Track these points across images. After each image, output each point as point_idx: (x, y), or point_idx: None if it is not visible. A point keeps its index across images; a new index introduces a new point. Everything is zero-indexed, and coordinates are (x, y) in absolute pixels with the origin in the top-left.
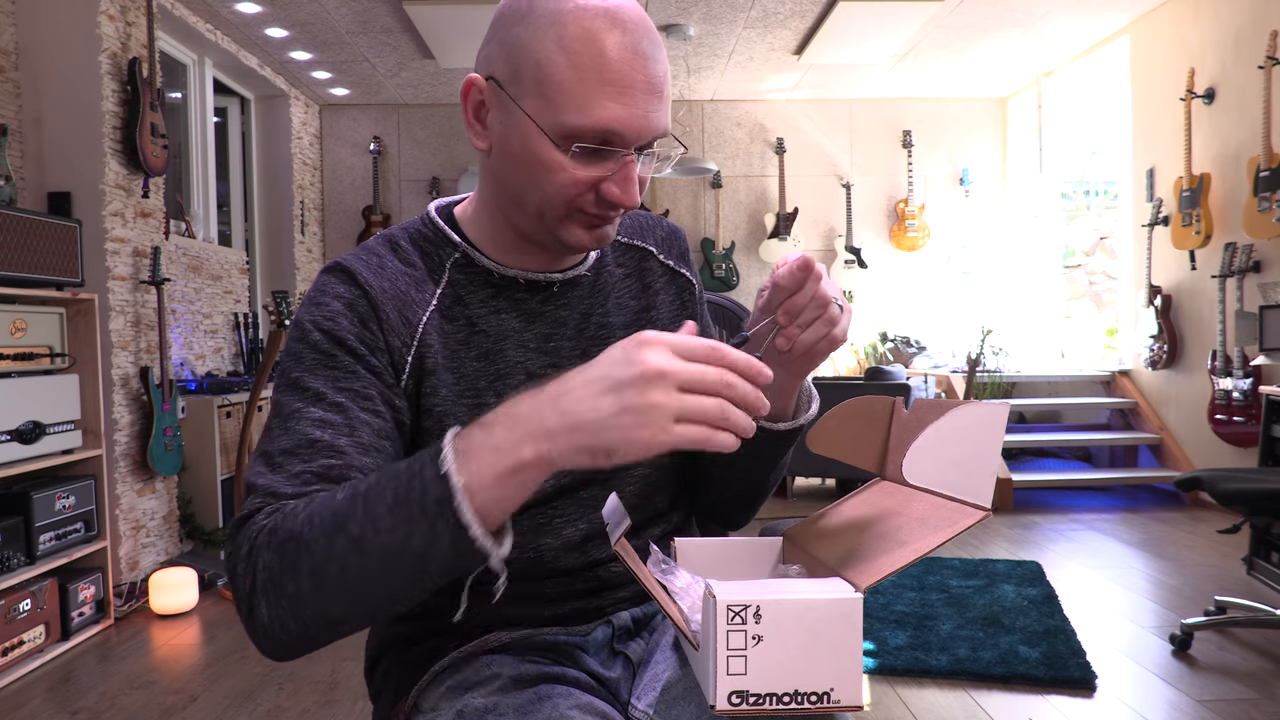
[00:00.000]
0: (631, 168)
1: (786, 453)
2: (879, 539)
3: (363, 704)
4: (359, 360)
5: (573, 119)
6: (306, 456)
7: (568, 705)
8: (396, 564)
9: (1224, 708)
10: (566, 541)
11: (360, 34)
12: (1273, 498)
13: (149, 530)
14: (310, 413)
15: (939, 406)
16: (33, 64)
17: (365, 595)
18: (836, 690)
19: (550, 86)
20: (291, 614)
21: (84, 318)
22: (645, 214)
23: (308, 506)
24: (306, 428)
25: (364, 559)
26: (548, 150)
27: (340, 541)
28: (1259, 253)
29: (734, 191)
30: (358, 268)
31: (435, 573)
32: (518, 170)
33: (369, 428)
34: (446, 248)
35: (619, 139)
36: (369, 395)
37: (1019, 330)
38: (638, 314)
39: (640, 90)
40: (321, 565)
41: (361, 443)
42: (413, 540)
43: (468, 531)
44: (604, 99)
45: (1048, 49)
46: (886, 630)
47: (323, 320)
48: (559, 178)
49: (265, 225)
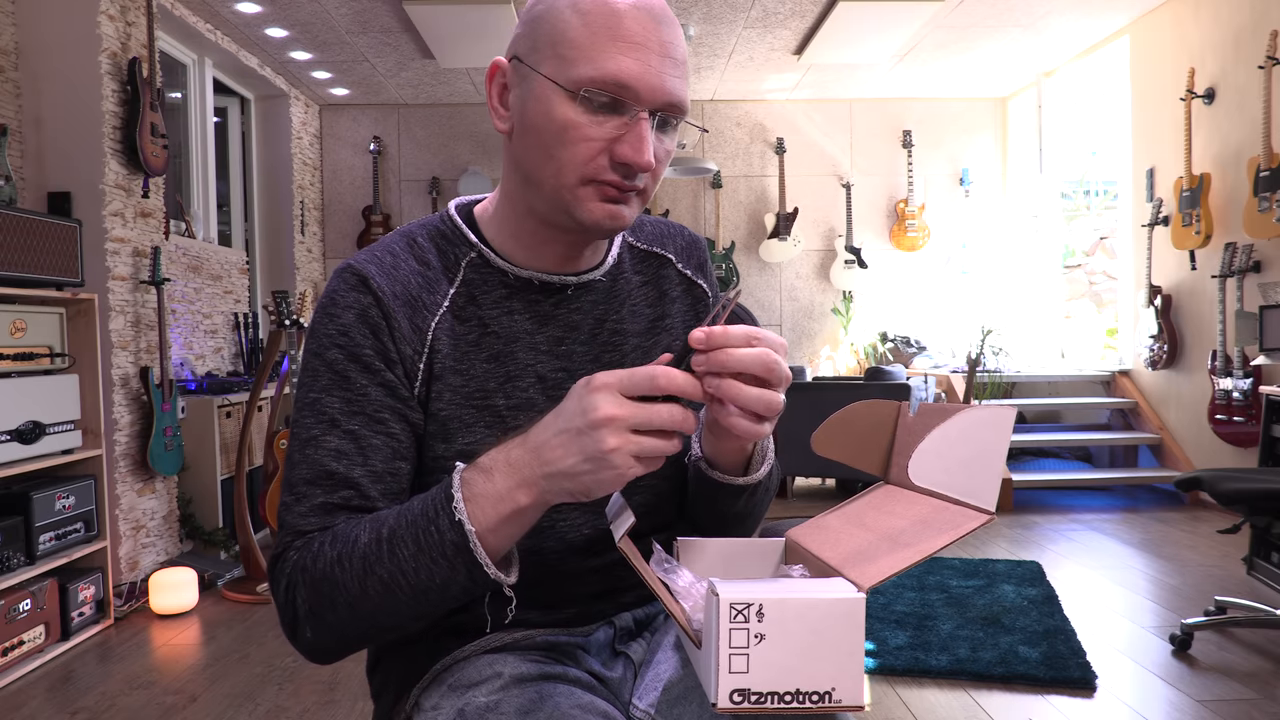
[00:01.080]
0: (644, 127)
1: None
2: (882, 540)
3: (363, 704)
4: (373, 377)
5: (584, 71)
6: (327, 488)
7: (569, 704)
8: (424, 597)
9: (1224, 708)
10: (571, 545)
11: (360, 34)
12: (1273, 498)
13: (149, 530)
14: (326, 442)
15: (945, 411)
16: (33, 64)
17: (397, 619)
18: (838, 690)
19: (565, 45)
20: (333, 637)
21: (84, 318)
22: (667, 221)
23: (334, 547)
24: (323, 458)
25: (394, 596)
26: (561, 107)
27: (372, 583)
28: (1259, 253)
29: (734, 191)
30: (370, 271)
31: (456, 599)
32: (534, 141)
33: (381, 454)
34: (463, 247)
35: (630, 92)
36: (381, 418)
37: (1019, 330)
38: (652, 322)
39: (654, 50)
40: (357, 600)
41: (375, 471)
42: (435, 579)
43: (484, 569)
44: (615, 52)
45: (1048, 49)
46: (887, 630)
47: (338, 335)
48: (571, 136)
49: (265, 225)
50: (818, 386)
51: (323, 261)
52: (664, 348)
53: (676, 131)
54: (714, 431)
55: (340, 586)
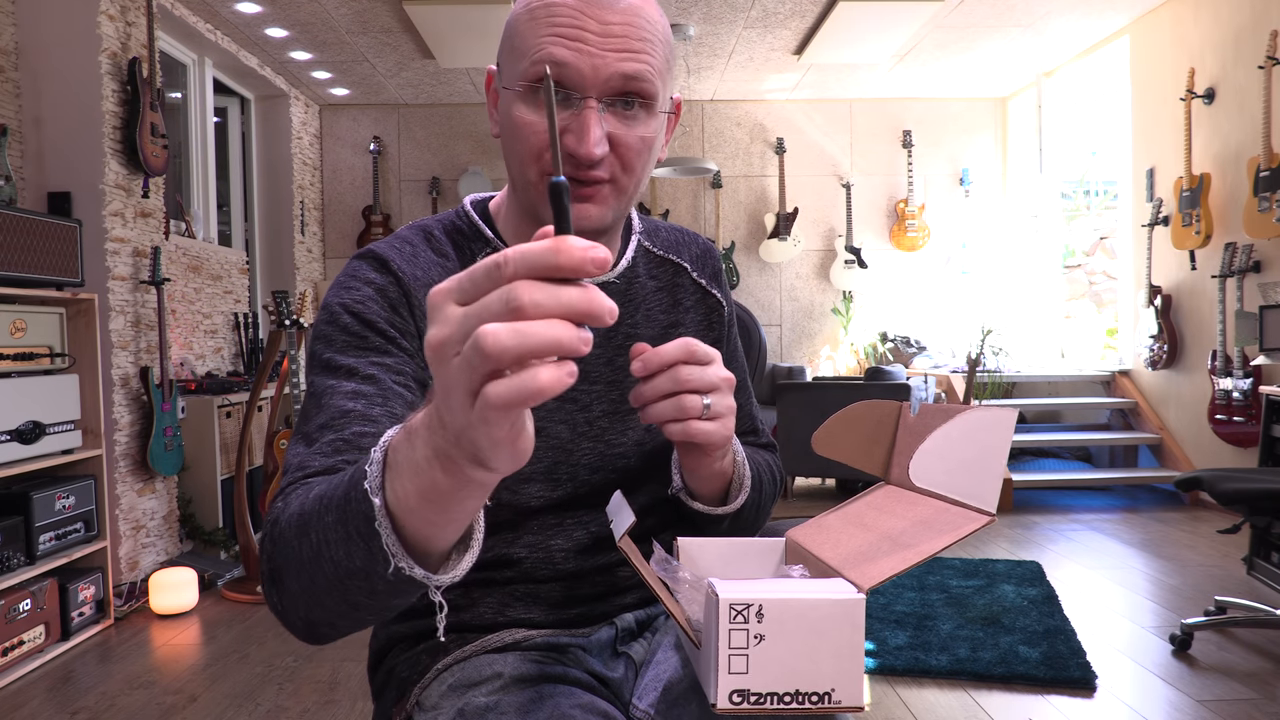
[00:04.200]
0: (587, 115)
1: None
2: (882, 541)
3: (363, 704)
4: (390, 342)
5: (524, 64)
6: (339, 426)
7: (569, 705)
8: (348, 580)
9: (1224, 708)
10: (576, 543)
11: (360, 34)
12: (1273, 498)
13: (149, 530)
14: (343, 387)
15: (946, 411)
16: (33, 64)
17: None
18: (837, 690)
19: (514, 44)
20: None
21: (84, 318)
22: (681, 229)
23: (301, 497)
24: (339, 400)
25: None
26: (516, 107)
27: (305, 548)
28: (1259, 253)
29: (734, 191)
30: (390, 255)
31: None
32: (506, 144)
33: (402, 400)
34: (478, 241)
35: (568, 79)
36: (402, 371)
37: (1019, 330)
38: (665, 328)
39: (591, 33)
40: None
41: (395, 413)
42: (354, 560)
43: (394, 560)
44: (549, 41)
45: (1048, 49)
46: (886, 630)
47: (352, 304)
48: (523, 133)
49: (265, 225)
50: (818, 386)
51: (323, 261)
52: None
53: (653, 115)
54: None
55: (287, 545)
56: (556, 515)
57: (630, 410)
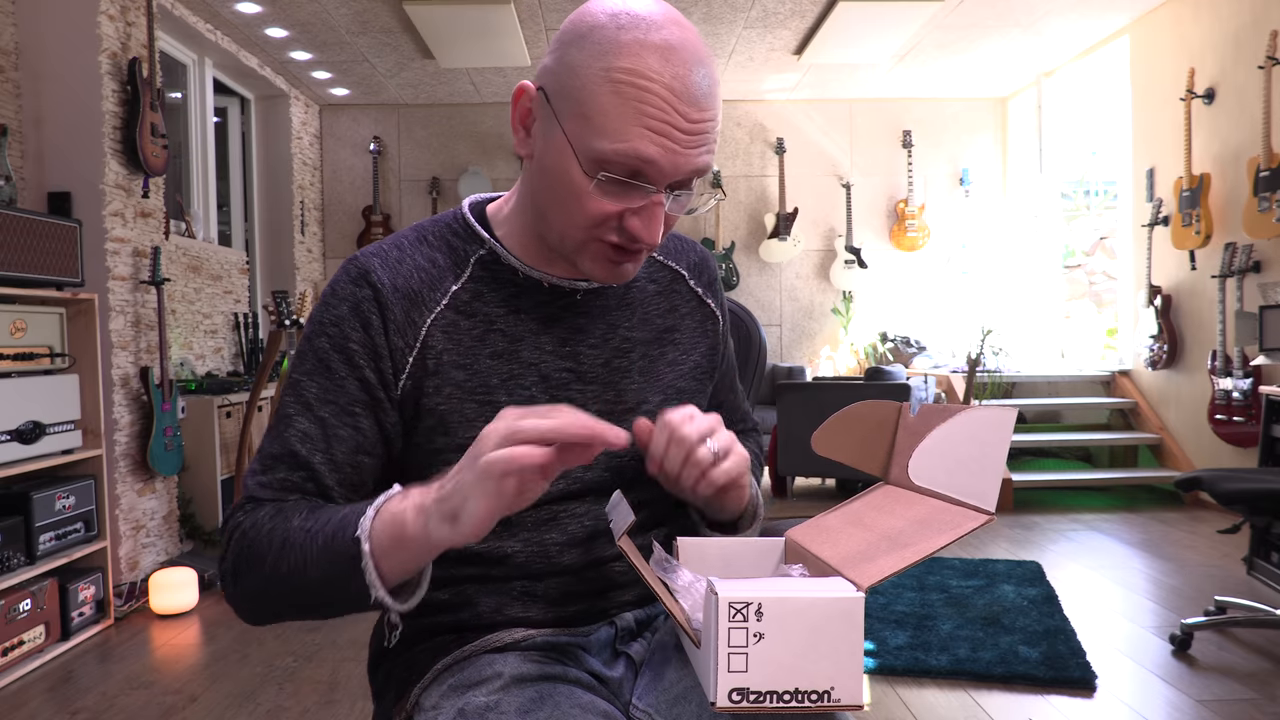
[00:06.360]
0: (659, 206)
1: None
2: (881, 540)
3: (363, 704)
4: (353, 370)
5: (604, 146)
6: (288, 467)
7: (569, 705)
8: (320, 592)
9: (1224, 708)
10: (572, 537)
11: (360, 34)
12: (1273, 498)
13: (149, 530)
14: (297, 424)
15: (945, 412)
16: (33, 64)
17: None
18: (837, 689)
19: (590, 109)
20: (249, 600)
21: (84, 318)
22: (679, 235)
23: (272, 520)
24: (291, 438)
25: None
26: (577, 173)
27: (283, 565)
28: (1259, 253)
29: (734, 191)
30: (373, 265)
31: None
32: (548, 186)
33: (345, 445)
34: (473, 244)
35: (647, 176)
36: (352, 411)
37: (1019, 330)
38: (660, 333)
39: (679, 131)
40: (269, 575)
41: (334, 460)
42: (333, 584)
43: (372, 590)
44: (639, 134)
45: (1048, 49)
46: (886, 630)
47: (329, 324)
48: (583, 203)
49: (265, 225)
50: (818, 386)
51: (323, 261)
52: (670, 360)
53: (694, 189)
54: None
55: (260, 558)
56: (550, 510)
57: (625, 410)
